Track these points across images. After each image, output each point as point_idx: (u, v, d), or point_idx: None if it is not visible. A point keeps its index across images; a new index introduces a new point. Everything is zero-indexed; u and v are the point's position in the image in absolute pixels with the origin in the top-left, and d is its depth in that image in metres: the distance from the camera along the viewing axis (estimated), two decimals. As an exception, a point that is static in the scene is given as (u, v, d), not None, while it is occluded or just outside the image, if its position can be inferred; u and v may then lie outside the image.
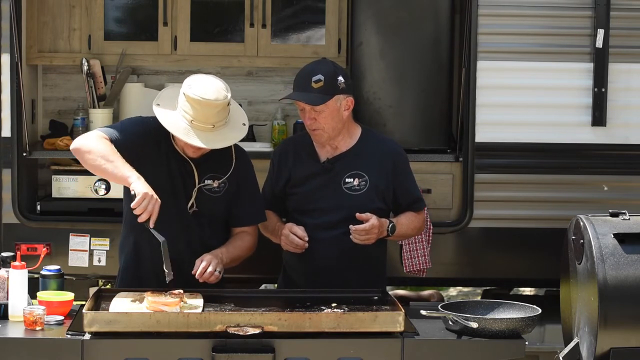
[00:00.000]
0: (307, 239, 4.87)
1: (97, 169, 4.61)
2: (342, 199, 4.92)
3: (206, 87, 4.64)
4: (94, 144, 4.60)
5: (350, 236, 4.83)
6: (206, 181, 4.82)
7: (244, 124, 4.81)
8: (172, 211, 4.73)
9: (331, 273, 4.91)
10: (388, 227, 4.89)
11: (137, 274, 4.86)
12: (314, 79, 4.83)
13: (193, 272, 4.66)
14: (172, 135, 4.73)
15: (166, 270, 4.51)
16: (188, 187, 4.81)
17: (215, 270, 4.67)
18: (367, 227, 4.81)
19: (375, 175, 4.94)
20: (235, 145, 4.87)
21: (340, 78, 4.87)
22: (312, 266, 4.94)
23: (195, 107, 4.60)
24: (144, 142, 4.76)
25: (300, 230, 4.88)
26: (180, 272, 4.64)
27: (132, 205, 4.48)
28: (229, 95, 4.69)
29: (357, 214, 4.83)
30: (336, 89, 4.85)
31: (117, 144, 4.64)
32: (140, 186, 4.49)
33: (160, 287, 4.52)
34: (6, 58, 5.87)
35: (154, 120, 4.75)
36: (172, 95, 4.76)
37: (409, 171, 5.05)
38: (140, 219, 4.48)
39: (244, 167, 4.92)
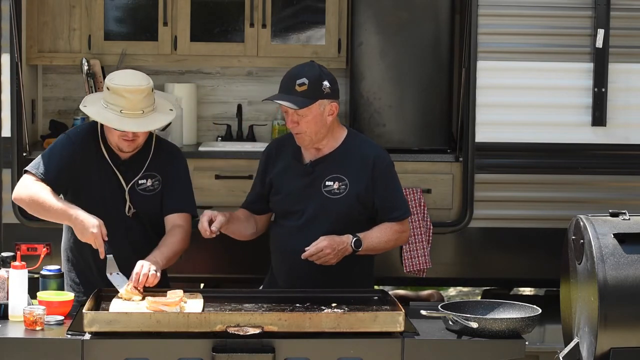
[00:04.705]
0: (215, 229, 4.73)
1: (42, 216, 4.81)
2: (321, 202, 4.86)
3: (128, 76, 4.81)
4: (27, 193, 4.79)
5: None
6: (139, 181, 4.87)
7: (171, 109, 4.91)
8: (112, 214, 4.80)
9: (313, 275, 4.84)
10: (352, 242, 4.78)
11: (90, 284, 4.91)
12: (298, 82, 4.77)
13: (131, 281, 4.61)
14: (105, 136, 4.83)
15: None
16: (123, 190, 4.85)
17: (149, 271, 4.58)
18: (313, 250, 4.72)
19: (355, 179, 4.86)
20: (160, 140, 4.97)
21: (326, 83, 4.79)
22: (294, 268, 4.89)
23: (122, 95, 4.71)
24: (72, 161, 4.85)
25: (207, 221, 4.74)
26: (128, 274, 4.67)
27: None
28: (151, 82, 4.81)
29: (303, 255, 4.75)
30: (320, 94, 4.78)
31: (49, 178, 4.80)
32: (86, 223, 4.63)
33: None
34: (6, 58, 5.87)
35: (76, 134, 4.94)
36: (96, 98, 4.90)
37: (390, 176, 4.92)
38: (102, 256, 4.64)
39: (170, 159, 4.96)
